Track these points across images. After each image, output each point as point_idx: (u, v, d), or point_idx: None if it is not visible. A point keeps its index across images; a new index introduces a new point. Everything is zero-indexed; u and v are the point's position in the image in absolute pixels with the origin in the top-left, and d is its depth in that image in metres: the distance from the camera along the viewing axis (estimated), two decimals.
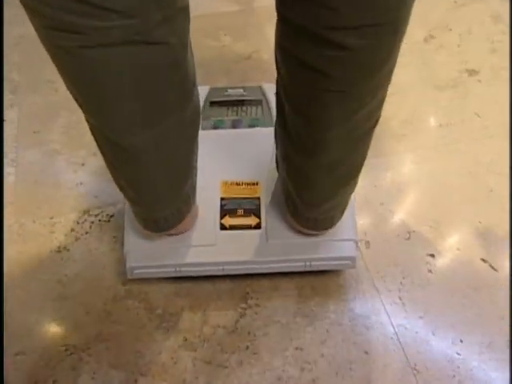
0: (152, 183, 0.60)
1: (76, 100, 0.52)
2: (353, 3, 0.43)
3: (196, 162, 0.66)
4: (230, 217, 0.75)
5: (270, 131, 0.84)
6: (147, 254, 0.72)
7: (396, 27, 0.46)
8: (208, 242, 0.73)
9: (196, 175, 0.69)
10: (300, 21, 0.47)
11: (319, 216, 0.68)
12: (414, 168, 0.93)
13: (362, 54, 0.47)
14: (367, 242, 0.83)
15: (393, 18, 0.45)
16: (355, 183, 0.66)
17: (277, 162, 0.74)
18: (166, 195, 0.63)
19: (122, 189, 0.63)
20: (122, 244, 0.75)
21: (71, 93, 0.51)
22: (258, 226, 0.75)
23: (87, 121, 0.55)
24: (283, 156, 0.65)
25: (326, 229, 0.71)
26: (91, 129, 0.56)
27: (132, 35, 0.44)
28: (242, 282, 0.78)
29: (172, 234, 0.72)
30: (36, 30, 0.45)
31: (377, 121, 0.57)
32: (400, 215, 0.86)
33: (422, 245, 0.82)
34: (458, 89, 1.06)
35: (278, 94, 0.60)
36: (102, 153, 0.59)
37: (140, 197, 0.63)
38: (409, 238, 0.83)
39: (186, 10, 0.49)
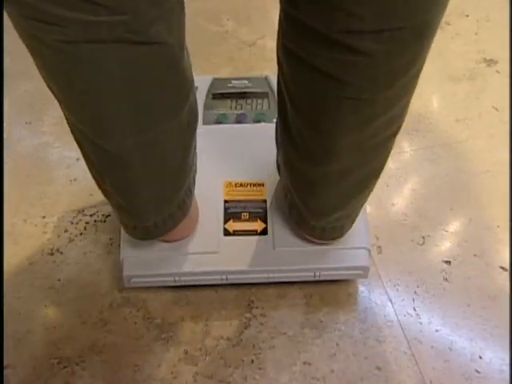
0: (142, 191, 0.55)
1: (54, 94, 0.47)
2: (372, 5, 0.38)
3: (195, 162, 0.61)
4: (234, 221, 0.70)
5: None
6: (145, 261, 0.67)
7: (421, 32, 0.41)
8: (210, 249, 0.68)
9: (195, 176, 0.63)
10: (310, 22, 0.42)
11: (327, 225, 0.63)
12: (428, 166, 0.88)
13: (381, 59, 0.42)
14: (379, 247, 0.78)
15: (418, 21, 0.40)
16: (370, 192, 0.60)
17: (278, 166, 0.69)
18: (158, 202, 0.58)
19: (106, 195, 0.58)
20: (119, 246, 0.70)
21: (49, 88, 0.46)
22: (264, 232, 0.70)
23: (67, 119, 0.49)
24: (285, 161, 0.60)
25: (335, 239, 0.67)
26: (71, 128, 0.51)
27: (123, 33, 0.39)
28: (247, 289, 0.73)
29: (170, 241, 0.67)
30: (12, 19, 0.40)
31: (399, 127, 0.52)
32: (413, 218, 0.81)
33: (437, 251, 0.77)
34: (475, 80, 0.99)
35: (279, 90, 0.55)
36: (84, 155, 0.53)
37: (128, 204, 0.57)
38: (423, 243, 0.78)
39: (181, 2, 0.44)
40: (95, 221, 0.81)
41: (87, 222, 0.81)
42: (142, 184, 0.53)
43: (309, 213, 0.61)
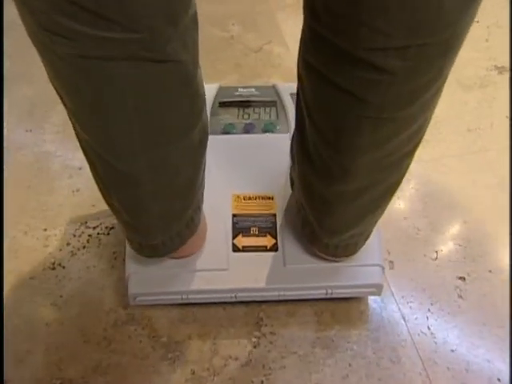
0: (151, 208, 0.53)
1: (64, 105, 0.45)
2: (400, 21, 0.36)
3: (203, 179, 0.59)
4: (243, 236, 0.68)
5: (286, 138, 0.77)
6: (151, 278, 0.65)
7: (448, 46, 0.39)
8: (219, 266, 0.65)
9: (203, 193, 0.61)
10: (333, 38, 0.40)
11: (340, 243, 0.61)
12: (439, 178, 0.85)
13: (404, 77, 0.40)
14: (391, 262, 0.75)
15: (446, 36, 0.38)
16: (385, 208, 0.58)
17: (291, 180, 0.66)
18: (166, 220, 0.56)
19: (114, 211, 0.56)
20: (123, 260, 0.67)
21: (57, 92, 0.44)
22: (274, 248, 0.67)
23: (73, 124, 0.47)
24: (300, 177, 0.58)
25: (348, 256, 0.64)
26: (78, 136, 0.49)
27: (137, 50, 0.37)
28: (256, 306, 0.71)
29: (177, 257, 0.65)
30: (27, 26, 0.39)
31: (418, 143, 0.49)
32: (426, 232, 0.79)
33: (451, 266, 0.75)
34: (487, 89, 0.97)
35: (298, 104, 0.53)
36: (90, 165, 0.51)
37: (136, 221, 0.55)
38: (436, 258, 0.76)
39: (195, 17, 0.42)
40: (98, 233, 0.78)
41: (90, 235, 0.78)
42: (151, 202, 0.51)
43: (322, 231, 0.59)
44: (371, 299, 0.71)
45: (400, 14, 0.36)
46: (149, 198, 0.51)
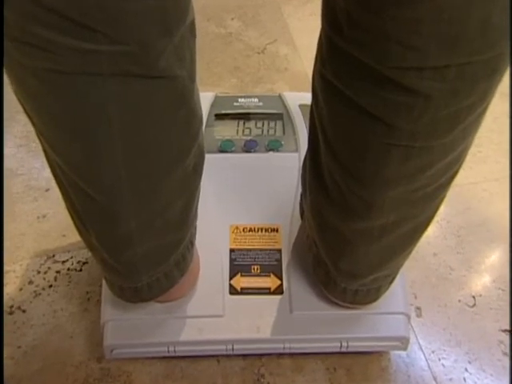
0: (135, 247, 0.55)
1: (32, 122, 0.46)
2: (437, 36, 0.38)
3: (197, 208, 0.61)
4: (241, 276, 0.70)
5: (294, 157, 0.79)
6: (132, 326, 0.67)
7: (496, 65, 0.41)
8: (213, 312, 0.67)
9: (196, 226, 0.63)
10: (357, 53, 0.42)
11: (360, 288, 0.63)
12: (477, 206, 0.88)
13: (443, 100, 0.42)
14: (418, 309, 0.78)
15: (492, 54, 0.40)
16: (414, 247, 0.60)
17: (301, 209, 0.68)
18: (153, 260, 0.58)
19: (90, 247, 0.58)
20: (99, 303, 0.69)
21: (27, 113, 0.45)
22: (279, 291, 0.69)
23: (43, 147, 0.49)
24: (313, 209, 0.60)
25: (368, 303, 0.66)
26: (51, 163, 0.50)
27: (126, 65, 0.39)
28: (256, 359, 0.73)
29: (164, 301, 0.67)
30: None
31: (456, 172, 0.52)
32: (461, 272, 0.81)
33: (493, 315, 0.77)
34: None
35: (311, 124, 0.55)
36: (63, 195, 0.53)
37: (117, 261, 0.57)
38: (474, 305, 0.78)
39: (192, 26, 0.44)
40: (69, 269, 0.80)
41: (58, 271, 0.80)
42: (136, 239, 0.53)
43: (339, 273, 0.61)
44: (395, 354, 0.73)
45: (436, 27, 0.37)
46: (133, 235, 0.52)
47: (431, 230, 0.85)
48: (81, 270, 0.80)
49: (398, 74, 0.40)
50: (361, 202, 0.51)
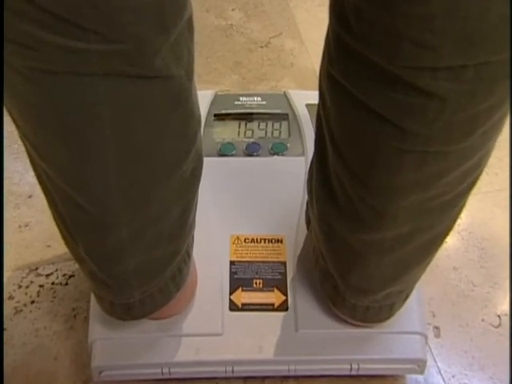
0: (126, 259, 0.55)
1: (16, 124, 0.47)
2: (453, 34, 0.38)
3: (194, 217, 0.61)
4: (243, 291, 0.71)
5: (300, 162, 0.80)
6: (122, 346, 0.67)
7: None
8: (212, 331, 0.68)
9: (193, 236, 0.64)
10: (366, 52, 0.42)
11: (372, 304, 0.63)
12: (501, 216, 0.88)
13: (460, 103, 0.42)
14: (436, 328, 0.78)
15: None
16: (431, 260, 0.60)
17: (307, 218, 0.69)
18: (146, 274, 0.58)
19: (78, 260, 0.59)
20: (86, 320, 0.70)
21: (11, 115, 0.46)
22: (283, 307, 0.70)
23: (27, 149, 0.49)
24: (320, 219, 0.60)
25: (381, 321, 0.66)
26: (35, 168, 0.51)
27: (119, 65, 0.40)
28: (258, 382, 0.73)
29: (158, 318, 0.67)
30: None
31: (476, 179, 0.52)
32: (484, 288, 0.81)
33: None
34: None
35: (318, 126, 0.55)
36: (49, 203, 0.54)
37: (107, 275, 0.57)
38: (499, 325, 0.78)
39: (190, 22, 0.45)
40: (53, 283, 0.81)
41: (41, 286, 0.81)
42: (127, 251, 0.53)
43: (348, 288, 0.61)
44: (411, 378, 0.73)
45: (450, 24, 0.38)
46: (125, 246, 0.53)
47: (451, 242, 0.85)
48: (66, 284, 0.81)
49: (411, 73, 0.40)
50: (372, 211, 0.51)
